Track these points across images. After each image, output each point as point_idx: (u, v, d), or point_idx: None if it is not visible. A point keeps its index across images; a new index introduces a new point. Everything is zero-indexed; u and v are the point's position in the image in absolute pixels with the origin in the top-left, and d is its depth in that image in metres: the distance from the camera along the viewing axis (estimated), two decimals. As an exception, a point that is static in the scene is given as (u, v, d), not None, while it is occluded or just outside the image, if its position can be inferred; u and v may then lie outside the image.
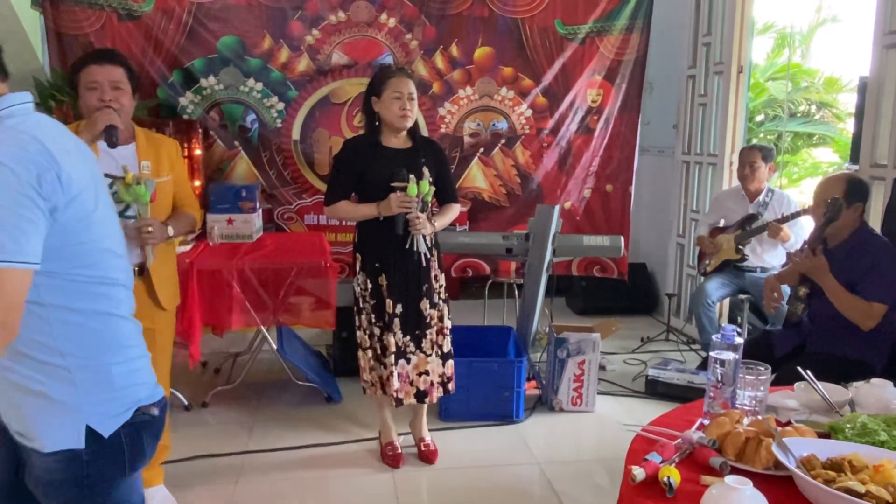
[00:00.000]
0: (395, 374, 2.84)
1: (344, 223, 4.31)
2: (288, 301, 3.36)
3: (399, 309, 2.83)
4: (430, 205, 2.82)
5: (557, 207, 3.82)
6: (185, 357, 3.25)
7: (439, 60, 4.31)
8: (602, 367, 4.03)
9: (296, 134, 4.25)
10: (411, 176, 2.70)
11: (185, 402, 3.56)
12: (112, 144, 2.22)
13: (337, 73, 4.23)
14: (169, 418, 2.61)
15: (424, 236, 2.81)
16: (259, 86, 4.15)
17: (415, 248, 2.81)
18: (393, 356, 2.83)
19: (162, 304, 2.46)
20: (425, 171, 2.77)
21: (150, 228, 2.31)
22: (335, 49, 4.20)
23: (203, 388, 3.73)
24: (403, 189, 2.69)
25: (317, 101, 4.24)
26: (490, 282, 4.49)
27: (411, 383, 2.89)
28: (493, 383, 3.37)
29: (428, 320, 2.89)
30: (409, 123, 2.79)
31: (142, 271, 2.39)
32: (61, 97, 3.53)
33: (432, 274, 2.90)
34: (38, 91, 3.70)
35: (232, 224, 3.70)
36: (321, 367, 4.00)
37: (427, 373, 2.91)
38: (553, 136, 4.51)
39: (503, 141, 4.49)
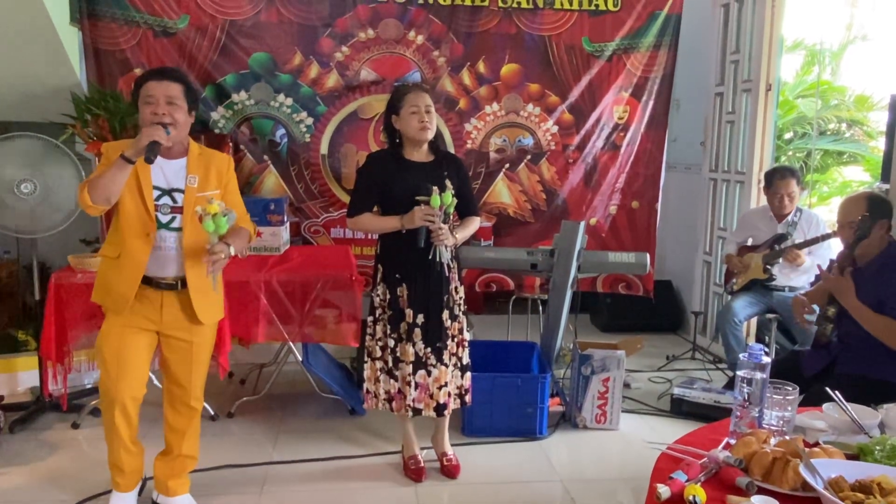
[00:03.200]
0: (413, 385, 2.85)
1: (370, 236, 4.34)
2: (314, 313, 3.40)
3: (420, 319, 2.85)
4: (451, 217, 2.85)
5: (583, 224, 3.82)
6: (214, 367, 3.29)
7: (466, 77, 4.35)
8: (627, 385, 4.00)
9: (324, 148, 4.30)
10: (434, 187, 2.74)
11: (212, 413, 3.60)
12: (149, 160, 2.28)
13: (365, 89, 4.28)
14: (199, 429, 2.66)
15: (446, 247, 2.84)
16: (289, 101, 4.21)
17: (437, 259, 2.83)
18: (411, 366, 2.85)
19: (199, 318, 2.50)
20: (447, 183, 2.81)
21: (222, 255, 2.37)
22: (364, 65, 4.26)
23: (229, 399, 3.77)
24: (427, 202, 2.72)
25: (345, 116, 4.30)
26: (514, 297, 4.49)
27: (431, 396, 2.89)
28: (516, 399, 3.36)
29: (449, 332, 2.91)
30: (430, 136, 2.84)
31: (182, 284, 2.45)
32: (97, 111, 3.61)
33: (452, 286, 2.93)
34: (75, 105, 3.80)
35: (260, 237, 3.75)
36: (345, 379, 4.03)
37: (446, 385, 2.92)
38: (579, 153, 4.52)
39: (529, 157, 4.50)
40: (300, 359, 3.67)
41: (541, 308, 4.33)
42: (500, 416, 3.36)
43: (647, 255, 3.90)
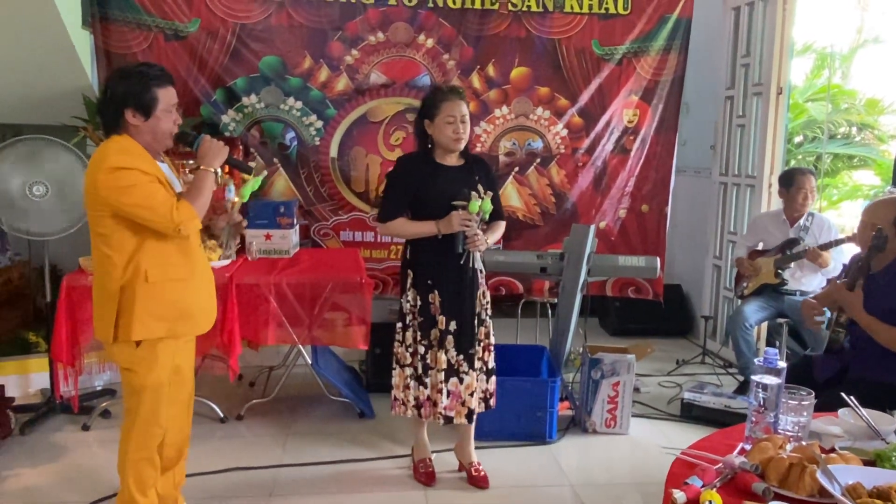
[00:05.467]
0: (445, 392, 2.83)
1: (382, 239, 4.35)
2: (323, 316, 3.40)
3: (453, 326, 2.83)
4: (483, 222, 2.84)
5: (593, 227, 3.81)
6: (224, 370, 3.30)
7: (476, 80, 4.35)
8: (637, 390, 3.98)
9: (333, 152, 4.31)
10: (473, 192, 2.73)
11: (221, 415, 3.61)
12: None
13: (374, 93, 4.28)
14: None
15: (479, 252, 2.83)
16: (299, 104, 4.22)
17: (471, 265, 2.83)
18: (443, 373, 2.82)
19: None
20: (480, 188, 2.80)
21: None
22: (373, 69, 4.26)
23: (238, 401, 3.77)
24: (465, 207, 2.72)
25: (354, 119, 4.30)
26: (523, 301, 4.48)
27: (462, 403, 2.87)
28: (525, 403, 3.35)
29: (479, 337, 2.90)
30: (462, 146, 2.83)
31: None
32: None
33: (481, 290, 2.92)
34: (87, 108, 3.82)
35: (270, 239, 3.76)
36: (354, 382, 4.02)
37: (477, 390, 2.90)
38: (588, 156, 4.51)
39: (538, 160, 4.50)
40: (309, 361, 3.67)
41: (550, 312, 4.32)
42: (510, 420, 3.35)
43: (657, 259, 3.89)
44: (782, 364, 1.75)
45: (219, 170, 2.38)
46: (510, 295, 4.67)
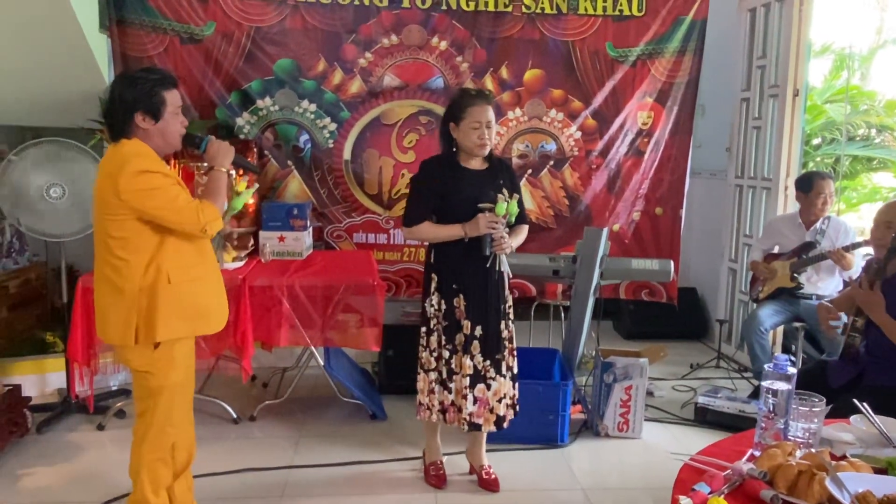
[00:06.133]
0: (471, 398, 2.82)
1: (396, 240, 4.35)
2: (336, 318, 3.41)
3: (479, 331, 2.82)
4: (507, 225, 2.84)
5: (606, 230, 3.80)
6: (237, 371, 3.33)
7: (489, 82, 4.34)
8: (650, 393, 3.96)
9: (347, 154, 4.32)
10: (500, 195, 2.74)
11: (234, 416, 3.63)
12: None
13: (388, 95, 4.30)
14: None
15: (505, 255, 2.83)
16: (313, 107, 4.24)
17: (497, 268, 2.82)
18: (468, 378, 2.81)
19: None
20: (505, 191, 2.79)
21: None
22: (387, 71, 4.27)
23: (251, 402, 3.79)
24: (491, 209, 2.71)
25: (368, 122, 4.31)
26: (536, 303, 4.47)
27: (491, 410, 2.85)
28: (537, 406, 3.34)
29: (504, 342, 2.89)
30: (487, 151, 2.82)
31: None
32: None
33: (507, 294, 2.91)
34: (104, 111, 3.86)
35: (283, 241, 3.78)
36: (367, 384, 4.04)
37: (505, 396, 2.89)
38: (602, 159, 4.49)
39: (551, 162, 4.49)
40: (322, 363, 3.69)
41: (563, 315, 4.31)
42: (522, 424, 3.31)
43: (671, 262, 3.86)
44: (792, 370, 1.74)
45: (233, 172, 2.41)
46: (523, 297, 4.66)
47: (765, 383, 1.74)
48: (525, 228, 2.98)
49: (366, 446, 3.37)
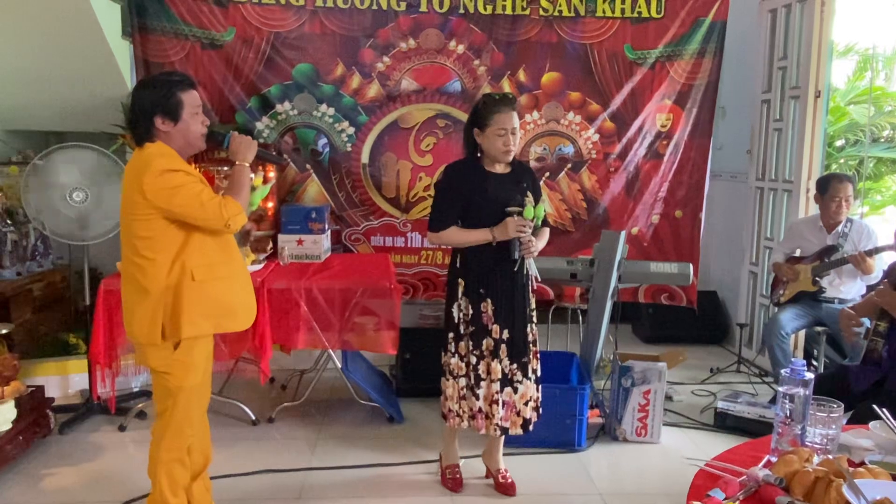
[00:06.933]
0: (501, 403, 2.82)
1: (412, 243, 4.36)
2: (353, 321, 3.42)
3: (506, 335, 2.81)
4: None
5: (623, 233, 3.78)
6: (255, 373, 3.36)
7: (507, 86, 4.34)
8: (669, 398, 3.93)
9: (365, 158, 4.35)
10: (527, 199, 2.74)
11: (253, 417, 3.66)
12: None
13: (406, 99, 4.31)
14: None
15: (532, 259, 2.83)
16: (331, 111, 4.27)
17: (524, 272, 2.82)
18: (498, 383, 2.80)
19: None
20: (529, 195, 2.79)
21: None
22: (405, 75, 4.29)
23: (270, 404, 3.82)
24: (520, 213, 2.72)
25: (386, 125, 4.33)
26: (554, 307, 4.46)
27: (518, 413, 2.85)
28: (555, 410, 3.32)
29: (530, 345, 2.89)
30: (511, 157, 2.82)
31: None
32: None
33: (531, 297, 2.91)
34: (126, 116, 3.91)
35: (301, 244, 3.81)
36: (384, 387, 4.05)
37: (531, 399, 2.89)
38: (620, 161, 4.47)
39: (569, 165, 4.47)
40: (339, 366, 3.71)
41: (580, 318, 4.29)
42: (538, 427, 3.30)
43: (691, 266, 3.83)
44: (809, 375, 1.72)
45: (252, 174, 2.44)
46: (540, 301, 4.65)
47: (781, 388, 1.72)
48: (547, 232, 2.97)
49: (383, 449, 3.39)
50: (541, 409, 2.96)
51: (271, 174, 4.05)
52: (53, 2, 3.54)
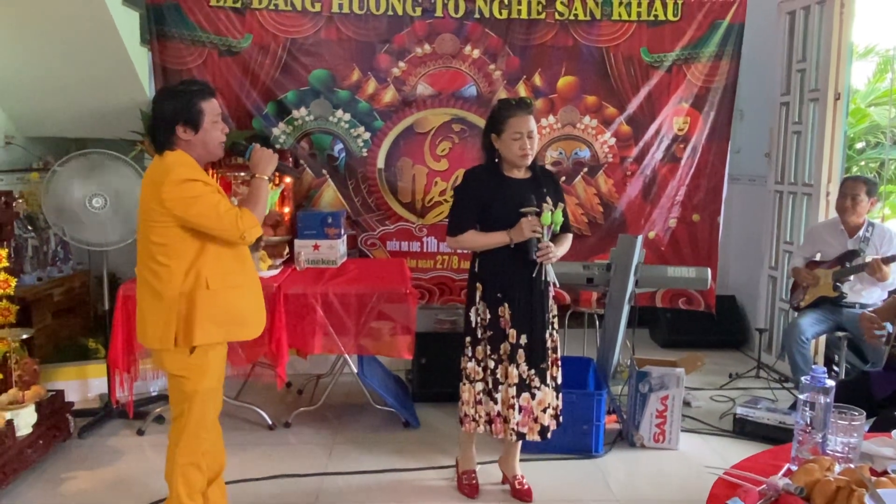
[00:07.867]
0: (517, 407, 2.81)
1: (427, 248, 4.36)
2: (369, 326, 3.43)
3: (524, 339, 2.80)
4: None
5: (640, 237, 3.75)
6: (272, 377, 3.37)
7: (522, 90, 4.33)
8: (687, 404, 3.89)
9: (380, 163, 4.35)
10: (545, 203, 2.73)
11: (269, 422, 3.67)
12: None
13: (421, 104, 4.32)
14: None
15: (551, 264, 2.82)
16: (347, 116, 4.28)
17: (542, 277, 2.81)
18: (515, 388, 2.79)
19: None
20: (549, 200, 2.78)
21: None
22: (420, 80, 4.30)
23: (286, 409, 3.84)
24: (534, 213, 2.71)
25: (401, 130, 4.34)
26: (570, 311, 4.44)
27: (535, 419, 2.84)
28: (571, 416, 3.29)
29: (549, 351, 2.87)
30: (529, 161, 2.81)
31: None
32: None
33: (551, 303, 2.90)
34: (144, 122, 3.96)
35: (318, 250, 3.82)
36: (400, 392, 4.05)
37: (549, 406, 2.87)
38: (637, 165, 4.44)
39: (585, 169, 4.45)
40: (356, 370, 3.71)
41: (597, 323, 4.27)
42: (555, 433, 3.28)
43: (709, 270, 3.80)
44: (830, 382, 1.69)
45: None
46: (557, 305, 4.64)
47: (802, 396, 1.70)
48: (570, 237, 2.95)
49: (398, 454, 3.38)
50: (561, 417, 2.94)
51: (287, 179, 4.07)
52: (73, 10, 3.59)
